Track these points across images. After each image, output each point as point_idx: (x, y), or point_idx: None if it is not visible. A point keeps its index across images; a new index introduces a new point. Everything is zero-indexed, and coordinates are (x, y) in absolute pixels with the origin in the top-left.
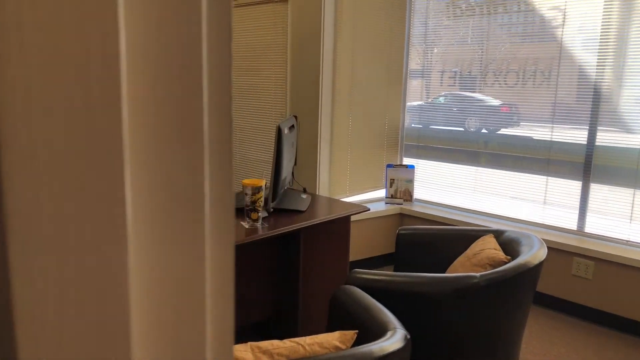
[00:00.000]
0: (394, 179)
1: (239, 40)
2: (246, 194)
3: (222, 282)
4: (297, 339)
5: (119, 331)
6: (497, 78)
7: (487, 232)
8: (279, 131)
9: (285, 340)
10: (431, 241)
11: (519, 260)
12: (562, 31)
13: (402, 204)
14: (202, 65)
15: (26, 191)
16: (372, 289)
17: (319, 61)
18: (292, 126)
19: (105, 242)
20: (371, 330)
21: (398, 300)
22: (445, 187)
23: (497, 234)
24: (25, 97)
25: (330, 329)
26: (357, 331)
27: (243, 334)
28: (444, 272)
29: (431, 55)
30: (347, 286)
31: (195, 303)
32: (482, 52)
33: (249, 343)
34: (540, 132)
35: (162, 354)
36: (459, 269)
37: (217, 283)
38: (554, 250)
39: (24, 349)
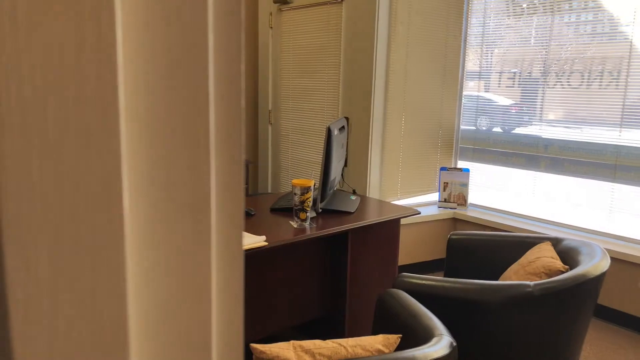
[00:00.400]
0: (447, 183)
1: (293, 42)
2: (295, 194)
3: (229, 286)
4: (339, 340)
5: (116, 335)
6: (560, 79)
7: (544, 239)
8: (329, 132)
9: (328, 341)
10: (484, 247)
11: (578, 270)
12: (633, 29)
13: (455, 209)
14: (207, 61)
15: (19, 184)
16: (419, 293)
17: (371, 61)
18: (343, 127)
19: (101, 242)
20: (416, 336)
21: (446, 306)
22: (502, 192)
23: (555, 242)
24: (18, 86)
25: (375, 331)
26: (400, 335)
27: (289, 333)
28: (496, 280)
29: (491, 56)
30: (394, 290)
31: (199, 307)
32: (545, 52)
33: (292, 342)
34: (606, 136)
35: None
36: (513, 277)
37: (224, 286)
38: (620, 261)
39: (19, 348)
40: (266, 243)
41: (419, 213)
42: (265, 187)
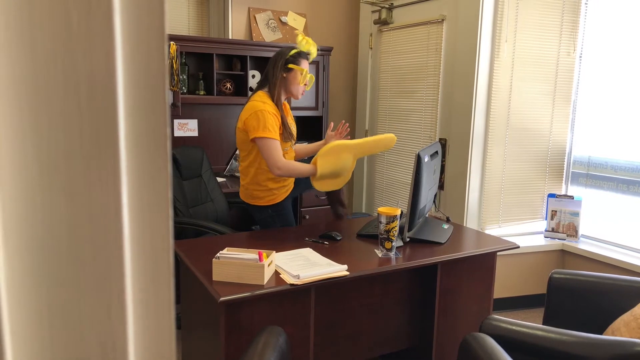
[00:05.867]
0: (556, 211)
1: (392, 62)
2: (380, 223)
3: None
4: None
5: None
6: None
7: None
8: (418, 159)
9: None
10: (592, 290)
11: None
12: None
13: (564, 240)
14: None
15: None
16: (507, 340)
17: (473, 82)
18: (436, 153)
19: None
20: None
21: (536, 358)
22: (620, 224)
23: None
24: None
25: None
26: None
27: None
28: (603, 331)
29: (610, 72)
30: (479, 334)
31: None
32: None
33: None
34: None
35: None
36: (622, 329)
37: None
38: None
39: None
40: (347, 273)
41: (517, 247)
42: (359, 207)
